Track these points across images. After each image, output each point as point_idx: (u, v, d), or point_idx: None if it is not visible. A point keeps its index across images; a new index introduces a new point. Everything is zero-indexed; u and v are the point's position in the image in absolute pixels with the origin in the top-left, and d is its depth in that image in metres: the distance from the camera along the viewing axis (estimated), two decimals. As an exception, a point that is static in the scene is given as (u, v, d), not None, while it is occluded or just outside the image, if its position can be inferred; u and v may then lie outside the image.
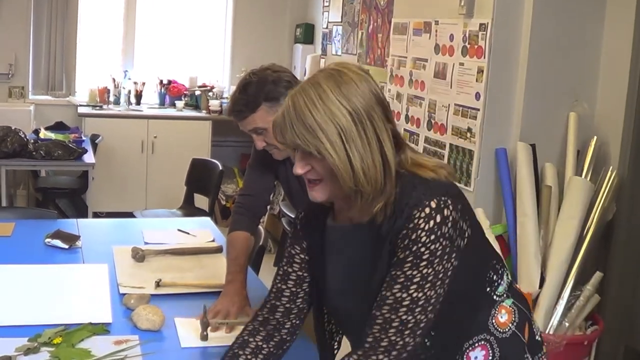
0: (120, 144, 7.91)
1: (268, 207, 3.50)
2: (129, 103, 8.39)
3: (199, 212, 6.17)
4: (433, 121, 4.83)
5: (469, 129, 4.33)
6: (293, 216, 5.96)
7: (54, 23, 8.09)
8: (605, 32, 4.16)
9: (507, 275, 2.11)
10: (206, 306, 2.75)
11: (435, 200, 1.84)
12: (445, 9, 4.67)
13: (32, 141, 6.35)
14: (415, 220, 1.83)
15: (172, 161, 7.82)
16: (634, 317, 3.99)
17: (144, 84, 8.51)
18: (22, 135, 6.21)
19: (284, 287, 2.23)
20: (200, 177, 6.51)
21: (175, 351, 2.53)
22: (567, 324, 3.76)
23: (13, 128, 6.21)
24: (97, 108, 8.15)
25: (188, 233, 3.96)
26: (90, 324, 2.62)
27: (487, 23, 4.20)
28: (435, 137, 4.77)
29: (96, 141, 7.31)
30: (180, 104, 8.51)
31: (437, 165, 1.96)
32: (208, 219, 4.52)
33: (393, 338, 1.86)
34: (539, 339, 2.17)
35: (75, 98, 8.31)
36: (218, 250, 3.64)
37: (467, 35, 4.41)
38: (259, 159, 3.19)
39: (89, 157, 6.49)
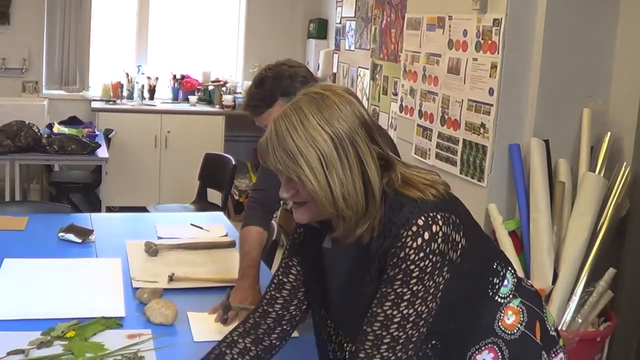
0: (133, 139, 7.93)
1: (281, 202, 3.49)
2: (143, 98, 8.41)
3: (212, 207, 6.18)
4: (446, 116, 4.82)
5: (483, 125, 4.32)
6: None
7: (68, 18, 8.12)
8: (620, 27, 4.14)
9: (513, 274, 2.08)
10: (229, 289, 2.75)
11: (422, 217, 1.83)
12: (458, 4, 4.66)
13: (45, 136, 6.37)
14: (403, 239, 1.82)
15: (185, 156, 7.84)
16: (647, 314, 3.98)
17: (157, 78, 8.52)
18: (36, 130, 6.23)
19: (277, 295, 2.22)
20: (214, 172, 6.52)
21: (188, 345, 2.54)
22: (580, 320, 3.75)
23: (27, 123, 6.22)
24: (111, 103, 8.17)
25: (201, 228, 3.96)
26: (104, 317, 2.63)
27: (501, 18, 4.19)
28: (448, 133, 4.76)
29: (109, 136, 7.33)
30: (193, 99, 8.52)
31: (428, 184, 1.93)
32: (221, 213, 4.53)
33: (385, 354, 1.86)
34: (554, 333, 2.16)
35: (88, 93, 8.34)
36: (231, 244, 3.65)
37: (480, 30, 4.40)
38: None
39: (102, 152, 6.50)
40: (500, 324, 2.03)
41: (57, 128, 6.93)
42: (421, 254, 1.81)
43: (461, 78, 4.62)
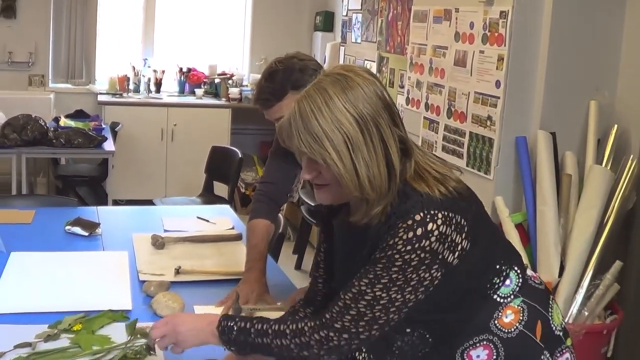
0: (140, 132, 7.94)
1: (289, 195, 3.50)
2: (149, 91, 8.43)
3: (219, 200, 6.19)
4: (453, 109, 4.81)
5: (489, 117, 4.31)
6: (313, 204, 5.99)
7: (74, 11, 8.13)
8: (627, 19, 4.13)
9: (518, 274, 2.06)
10: (238, 292, 2.77)
11: (421, 214, 1.83)
12: (465, -4, 4.65)
13: (52, 129, 6.38)
14: (396, 229, 1.83)
15: (192, 149, 7.84)
16: (654, 307, 3.98)
17: (163, 72, 8.53)
18: (42, 123, 6.24)
19: (316, 274, 2.28)
20: (220, 165, 6.52)
21: (195, 338, 2.54)
22: (586, 313, 3.75)
23: (33, 116, 6.23)
24: (117, 96, 8.18)
25: (207, 220, 3.97)
26: (110, 310, 2.63)
27: (508, 10, 4.18)
28: (455, 125, 4.75)
29: (116, 129, 7.34)
30: (199, 91, 8.53)
31: (439, 179, 1.93)
32: (227, 206, 4.53)
33: (347, 325, 1.90)
34: (560, 333, 2.14)
35: (95, 86, 8.35)
36: (237, 237, 3.65)
37: (487, 22, 4.39)
38: (281, 147, 3.18)
39: (108, 145, 6.52)
40: (496, 322, 2.02)
41: (63, 121, 6.94)
42: (408, 247, 1.82)
43: (468, 70, 4.61)
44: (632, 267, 3.94)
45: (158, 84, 8.49)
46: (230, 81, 8.58)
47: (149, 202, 6.13)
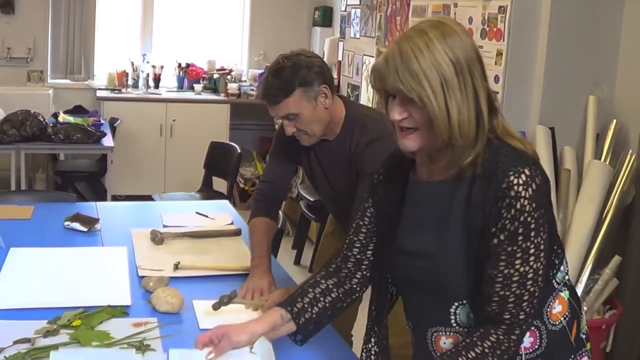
0: (138, 128, 7.93)
1: (287, 193, 3.52)
2: (148, 86, 8.42)
3: (218, 195, 6.20)
4: (451, 104, 4.81)
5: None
6: (312, 199, 5.99)
7: (73, 7, 8.12)
8: (625, 14, 4.13)
9: (566, 262, 2.09)
10: (271, 282, 2.87)
11: (527, 168, 1.86)
12: (464, -9, 4.65)
13: (51, 125, 6.37)
14: (515, 188, 1.84)
15: (191, 144, 7.84)
16: (653, 301, 3.98)
17: (162, 67, 8.52)
18: (41, 119, 6.23)
19: (355, 238, 2.27)
20: (219, 160, 6.52)
21: (194, 333, 2.53)
22: (585, 308, 3.76)
23: (32, 112, 6.22)
24: (116, 92, 8.18)
25: (206, 216, 3.96)
26: (109, 306, 2.63)
27: (506, 5, 4.18)
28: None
29: (115, 125, 7.33)
30: (198, 87, 8.52)
31: (524, 139, 1.98)
32: (226, 201, 4.53)
33: (527, 310, 1.92)
34: (584, 336, 2.16)
35: (93, 82, 8.34)
36: (236, 233, 3.65)
37: (486, 17, 4.39)
38: (281, 148, 3.20)
39: (107, 141, 6.51)
40: (548, 310, 2.04)
41: (62, 117, 6.93)
42: (534, 205, 1.85)
43: (466, 66, 4.61)
44: (631, 262, 3.94)
45: (157, 80, 8.49)
46: (229, 76, 8.57)
47: (148, 198, 6.13)
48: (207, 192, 6.51)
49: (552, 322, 2.04)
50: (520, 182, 1.84)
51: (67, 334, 2.40)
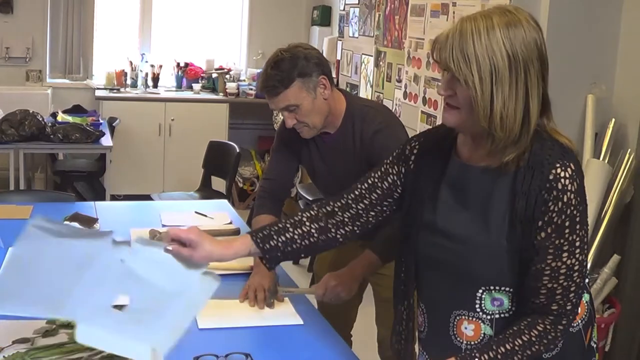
0: (137, 127, 7.93)
1: (290, 191, 3.52)
2: (146, 86, 8.42)
3: (217, 195, 6.19)
4: (450, 103, 4.81)
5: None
6: (311, 199, 5.99)
7: (71, 6, 8.12)
8: (624, 13, 4.13)
9: (587, 266, 2.10)
10: (275, 278, 2.85)
11: (572, 164, 1.89)
12: (462, -10, 4.65)
13: (49, 124, 6.37)
14: (562, 180, 1.86)
15: (190, 144, 7.84)
16: (652, 300, 3.98)
17: (161, 66, 8.52)
18: (40, 119, 6.23)
19: (366, 195, 2.27)
20: (218, 160, 6.52)
21: (193, 333, 2.53)
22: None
23: (31, 111, 6.22)
24: (115, 91, 8.18)
25: (205, 215, 3.96)
26: (109, 306, 2.63)
27: (505, 4, 4.18)
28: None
29: (113, 124, 7.33)
30: (197, 86, 8.52)
31: (570, 139, 2.00)
32: (225, 201, 4.52)
33: (574, 301, 1.94)
34: (594, 345, 2.17)
35: (92, 81, 8.34)
36: (235, 232, 3.65)
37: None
38: (283, 144, 3.20)
39: (106, 140, 6.51)
40: None
41: (61, 117, 6.92)
42: (579, 198, 1.87)
43: (465, 65, 4.61)
44: (630, 261, 3.94)
45: (155, 79, 8.49)
46: (227, 76, 8.57)
47: (147, 197, 6.13)
48: (206, 191, 6.51)
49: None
50: (567, 175, 1.86)
51: (66, 334, 2.40)
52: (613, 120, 4.04)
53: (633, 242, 3.96)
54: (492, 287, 1.99)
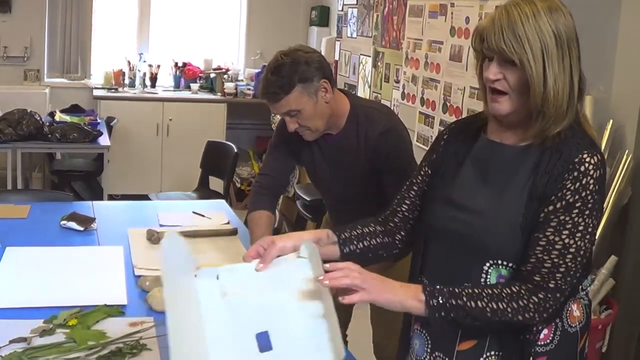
0: (135, 127, 7.93)
1: (286, 187, 3.52)
2: (144, 86, 8.42)
3: (214, 195, 6.20)
4: (448, 104, 4.81)
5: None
6: (308, 199, 5.99)
7: (69, 6, 8.11)
8: (622, 14, 4.13)
9: (585, 259, 2.10)
10: None
11: (599, 155, 1.94)
12: (461, -9, 4.66)
13: (47, 124, 6.37)
14: (586, 165, 1.91)
15: (187, 144, 7.83)
16: (649, 301, 3.98)
17: (159, 66, 8.52)
18: (38, 118, 6.23)
19: (406, 195, 2.32)
20: (215, 160, 6.53)
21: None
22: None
23: (29, 111, 6.22)
24: (113, 91, 8.17)
25: (203, 215, 3.96)
26: (106, 305, 2.63)
27: (503, 5, 4.18)
28: (450, 120, 4.75)
29: (111, 124, 7.33)
30: (195, 86, 8.52)
31: (597, 134, 2.07)
32: (223, 201, 4.52)
33: (559, 282, 1.93)
34: (585, 352, 2.17)
35: (90, 81, 8.34)
36: (233, 232, 3.65)
37: (483, 17, 4.39)
38: (282, 140, 3.20)
39: (104, 140, 6.51)
40: (568, 310, 2.07)
41: (58, 116, 6.93)
42: (597, 187, 1.92)
43: (463, 65, 4.61)
44: (627, 262, 3.94)
45: (153, 79, 8.49)
46: (225, 76, 8.57)
47: (145, 197, 6.13)
48: (204, 191, 6.51)
49: (569, 322, 2.07)
50: (592, 162, 1.91)
51: (63, 333, 2.40)
52: (611, 121, 4.04)
53: (630, 243, 3.96)
54: (499, 262, 2.01)
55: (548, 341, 2.03)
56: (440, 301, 1.93)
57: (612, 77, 4.16)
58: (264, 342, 1.88)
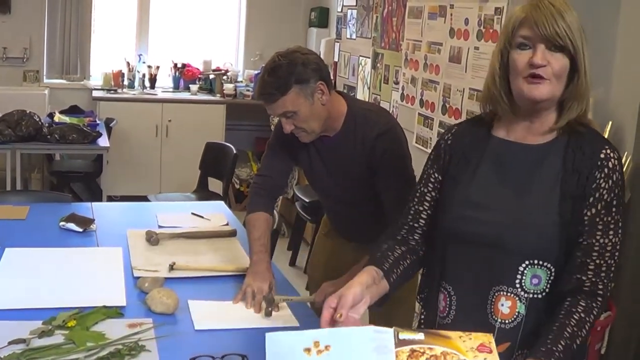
0: (134, 128, 7.93)
1: (284, 188, 3.51)
2: (144, 87, 8.42)
3: (213, 196, 6.19)
4: (448, 105, 4.81)
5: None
6: (308, 200, 5.99)
7: (69, 7, 8.11)
8: (621, 16, 4.13)
9: None
10: (273, 282, 2.84)
11: (616, 150, 2.03)
12: (460, -8, 4.66)
13: (46, 125, 6.37)
14: (612, 161, 1.98)
15: (186, 145, 7.84)
16: (648, 303, 3.98)
17: (158, 67, 8.52)
18: (37, 119, 6.23)
19: (420, 208, 2.29)
20: (214, 161, 6.53)
21: (189, 334, 2.54)
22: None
23: (28, 112, 6.22)
24: (112, 92, 8.17)
25: (202, 217, 3.96)
26: (105, 307, 2.63)
27: (503, 7, 4.18)
28: (449, 122, 4.76)
29: (110, 125, 7.32)
30: (194, 87, 8.52)
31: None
32: (222, 202, 4.53)
33: (608, 285, 2.01)
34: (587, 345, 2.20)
35: (89, 82, 8.34)
36: (232, 233, 3.65)
37: (482, 19, 4.39)
38: (280, 140, 3.19)
39: (103, 141, 6.51)
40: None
41: (58, 117, 6.92)
42: (621, 183, 2.00)
43: (462, 67, 4.61)
44: (626, 264, 3.94)
45: (152, 80, 8.49)
46: (225, 77, 8.57)
47: (144, 198, 6.13)
48: (203, 192, 6.51)
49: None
50: (616, 156, 1.99)
51: (62, 335, 2.40)
52: (610, 123, 4.04)
53: (629, 245, 3.96)
54: (536, 262, 2.02)
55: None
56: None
57: (612, 79, 4.16)
58: None
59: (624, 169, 3.84)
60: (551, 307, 2.02)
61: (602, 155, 1.97)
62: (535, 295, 2.04)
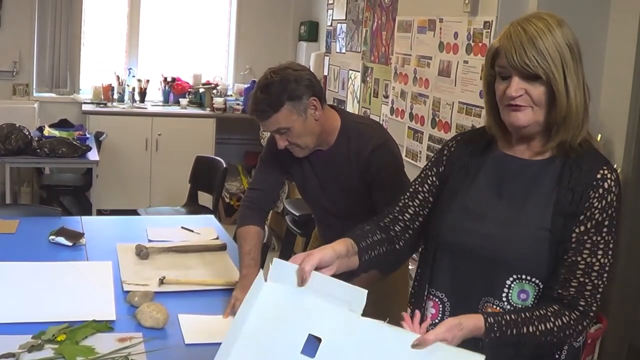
0: (124, 142, 7.92)
1: (275, 202, 3.51)
2: (133, 100, 8.41)
3: (203, 210, 6.18)
4: (437, 119, 4.82)
5: (473, 127, 4.32)
6: (298, 214, 5.98)
7: (59, 20, 8.10)
8: (610, 30, 4.15)
9: None
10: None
11: (615, 171, 2.00)
12: (449, 6, 4.67)
13: (36, 138, 6.36)
14: (609, 181, 1.96)
15: (176, 159, 7.83)
16: (638, 316, 3.99)
17: (148, 81, 8.52)
18: (27, 133, 6.22)
19: (410, 203, 2.31)
20: (204, 175, 6.52)
21: (179, 348, 2.54)
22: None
23: (17, 125, 6.22)
24: (102, 105, 8.16)
25: (192, 230, 3.96)
26: (94, 321, 2.62)
27: (492, 21, 4.20)
28: (439, 135, 4.77)
29: (100, 139, 7.32)
30: (184, 101, 8.52)
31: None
32: (212, 216, 4.52)
33: (595, 305, 1.98)
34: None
35: (79, 95, 8.33)
36: (222, 247, 3.64)
37: (471, 33, 4.41)
38: (272, 154, 3.19)
39: (93, 155, 6.50)
40: None
41: (47, 131, 6.91)
42: (617, 204, 1.97)
43: (452, 80, 4.62)
44: (616, 276, 3.95)
45: (142, 94, 8.48)
46: (214, 91, 8.57)
47: (133, 212, 6.12)
48: (193, 206, 6.50)
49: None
50: (613, 177, 1.97)
51: (52, 349, 2.40)
52: (599, 135, 4.05)
53: (618, 258, 3.97)
54: (523, 277, 2.02)
55: (563, 357, 2.08)
56: (499, 335, 1.93)
57: (600, 92, 4.18)
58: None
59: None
60: None
61: (598, 175, 1.96)
62: None
